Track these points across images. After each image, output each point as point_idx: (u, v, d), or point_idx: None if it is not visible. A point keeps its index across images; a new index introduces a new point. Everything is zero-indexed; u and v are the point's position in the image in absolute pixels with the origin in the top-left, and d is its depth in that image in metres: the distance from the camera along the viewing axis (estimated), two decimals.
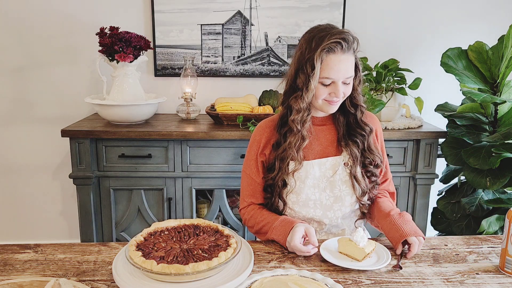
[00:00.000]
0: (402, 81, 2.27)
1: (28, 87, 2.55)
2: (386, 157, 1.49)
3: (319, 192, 1.37)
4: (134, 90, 2.28)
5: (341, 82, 1.28)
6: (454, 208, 2.19)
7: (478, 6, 2.58)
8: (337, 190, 1.37)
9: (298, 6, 2.51)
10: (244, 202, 1.45)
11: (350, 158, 1.37)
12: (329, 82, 1.28)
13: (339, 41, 1.24)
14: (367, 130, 1.38)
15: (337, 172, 1.37)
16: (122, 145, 2.19)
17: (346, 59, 1.27)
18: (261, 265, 1.17)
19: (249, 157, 1.43)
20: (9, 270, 1.12)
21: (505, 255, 1.13)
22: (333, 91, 1.29)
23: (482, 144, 2.01)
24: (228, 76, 2.60)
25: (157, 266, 0.98)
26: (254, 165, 1.42)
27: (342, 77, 1.28)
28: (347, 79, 1.29)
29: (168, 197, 2.25)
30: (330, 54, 1.25)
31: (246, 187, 1.44)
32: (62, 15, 2.47)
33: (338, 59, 1.26)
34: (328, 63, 1.26)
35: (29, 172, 2.66)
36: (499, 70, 2.01)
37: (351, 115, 1.39)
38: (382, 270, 1.15)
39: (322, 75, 1.27)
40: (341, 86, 1.28)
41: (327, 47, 1.24)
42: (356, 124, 1.39)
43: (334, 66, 1.26)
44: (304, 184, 1.36)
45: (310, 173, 1.36)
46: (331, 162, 1.38)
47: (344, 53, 1.25)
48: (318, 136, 1.40)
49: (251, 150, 1.43)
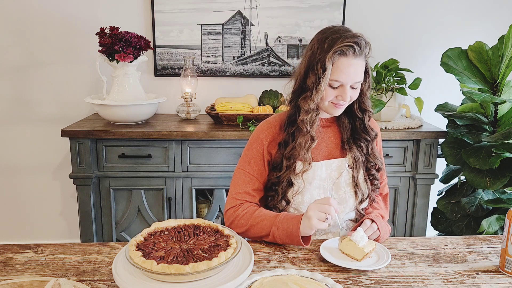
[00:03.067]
0: (402, 81, 2.27)
1: (28, 87, 2.55)
2: (383, 160, 1.50)
3: (324, 193, 1.37)
4: (134, 90, 2.28)
5: (349, 86, 1.28)
6: (454, 208, 2.19)
7: (478, 6, 2.58)
8: (341, 192, 1.38)
9: (298, 6, 2.51)
10: (235, 200, 1.37)
11: (354, 161, 1.37)
12: (337, 85, 1.28)
13: (352, 45, 1.23)
14: (372, 135, 1.39)
15: (342, 174, 1.37)
16: (122, 145, 2.19)
17: (357, 63, 1.26)
18: (261, 265, 1.17)
19: (250, 155, 1.39)
20: (9, 270, 1.12)
21: (505, 255, 1.13)
22: (340, 94, 1.28)
23: (482, 144, 2.01)
24: (228, 76, 2.60)
25: (157, 266, 0.98)
26: (256, 163, 1.38)
27: (351, 81, 1.27)
28: (356, 84, 1.29)
29: (168, 197, 2.25)
30: (342, 57, 1.24)
31: (242, 185, 1.38)
32: (62, 15, 2.47)
33: (349, 63, 1.25)
34: (338, 65, 1.25)
35: (29, 172, 2.66)
36: (499, 70, 2.01)
37: (358, 120, 1.39)
38: (382, 270, 1.15)
39: (332, 78, 1.26)
40: (348, 90, 1.28)
41: (339, 50, 1.23)
42: (362, 128, 1.39)
43: (344, 69, 1.25)
44: (311, 185, 1.36)
45: (317, 174, 1.36)
46: (337, 163, 1.38)
47: (355, 57, 1.25)
48: (324, 137, 1.40)
49: (251, 148, 1.40)
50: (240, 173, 1.39)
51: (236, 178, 1.40)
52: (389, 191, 1.65)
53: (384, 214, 1.45)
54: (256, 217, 1.31)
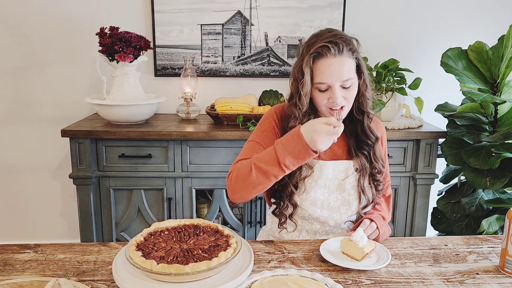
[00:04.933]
0: (402, 81, 2.27)
1: (28, 87, 2.55)
2: (387, 162, 1.49)
3: (328, 193, 1.37)
4: (134, 90, 2.28)
5: (338, 86, 1.24)
6: (454, 208, 2.19)
7: (478, 6, 2.58)
8: (346, 194, 1.37)
9: (298, 6, 2.51)
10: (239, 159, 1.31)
11: (360, 167, 1.36)
12: (324, 87, 1.25)
13: (327, 45, 1.22)
14: (372, 139, 1.36)
15: (349, 177, 1.37)
16: (122, 145, 2.19)
17: (339, 61, 1.23)
18: (261, 265, 1.17)
19: (262, 128, 1.35)
20: (9, 270, 1.12)
21: (505, 255, 1.13)
22: (331, 96, 1.26)
23: (482, 144, 2.01)
24: (228, 76, 2.60)
25: (157, 266, 0.98)
26: (269, 136, 1.32)
27: (337, 80, 1.24)
28: (346, 82, 1.25)
29: (168, 197, 2.25)
30: (320, 59, 1.23)
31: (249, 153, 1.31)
32: (62, 15, 2.47)
33: (329, 63, 1.23)
34: (319, 67, 1.24)
35: (29, 172, 2.66)
36: (499, 70, 2.01)
37: (359, 123, 1.36)
38: (382, 270, 1.15)
39: (316, 81, 1.25)
40: (338, 90, 1.24)
41: (315, 52, 1.23)
42: (363, 132, 1.36)
43: (325, 70, 1.23)
44: (316, 183, 1.35)
45: (323, 173, 1.35)
46: (345, 165, 1.37)
47: (335, 56, 1.22)
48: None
49: (264, 123, 1.36)
50: (249, 144, 1.35)
51: (244, 148, 1.35)
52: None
53: (385, 216, 1.44)
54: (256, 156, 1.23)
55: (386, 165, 1.47)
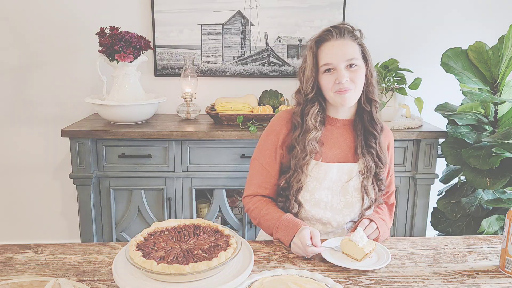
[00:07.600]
0: (402, 81, 2.27)
1: (28, 87, 2.55)
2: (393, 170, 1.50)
3: (332, 195, 1.37)
4: (134, 90, 2.28)
5: (343, 66, 1.28)
6: (454, 208, 2.19)
7: (478, 6, 2.58)
8: (349, 196, 1.38)
9: (298, 6, 2.51)
10: (249, 190, 1.43)
11: (365, 168, 1.37)
12: (329, 68, 1.30)
13: (329, 30, 1.29)
14: (378, 128, 1.38)
15: (352, 179, 1.37)
16: (122, 145, 2.19)
17: (342, 43, 1.28)
18: (261, 265, 1.17)
19: (265, 146, 1.40)
20: (9, 270, 1.12)
21: (505, 255, 1.13)
22: (337, 77, 1.28)
23: (482, 144, 2.01)
24: (228, 76, 2.60)
25: (157, 266, 0.98)
26: (270, 155, 1.39)
27: (342, 60, 1.28)
28: (351, 61, 1.28)
29: (168, 197, 2.25)
30: (324, 43, 1.30)
31: (256, 175, 1.42)
32: (62, 15, 2.47)
33: (332, 45, 1.29)
34: (323, 50, 1.30)
35: (29, 172, 2.66)
36: (499, 70, 2.01)
37: (366, 113, 1.38)
38: (382, 270, 1.15)
39: (321, 63, 1.30)
40: (343, 70, 1.28)
41: (318, 38, 1.31)
42: (369, 122, 1.38)
43: (329, 51, 1.29)
44: (321, 185, 1.36)
45: (328, 175, 1.36)
46: (349, 167, 1.38)
47: (337, 39, 1.29)
48: (338, 140, 1.39)
49: (267, 139, 1.41)
50: (254, 164, 1.43)
51: (251, 167, 1.45)
52: None
53: (386, 220, 1.44)
54: (262, 215, 1.37)
55: (392, 173, 1.49)
